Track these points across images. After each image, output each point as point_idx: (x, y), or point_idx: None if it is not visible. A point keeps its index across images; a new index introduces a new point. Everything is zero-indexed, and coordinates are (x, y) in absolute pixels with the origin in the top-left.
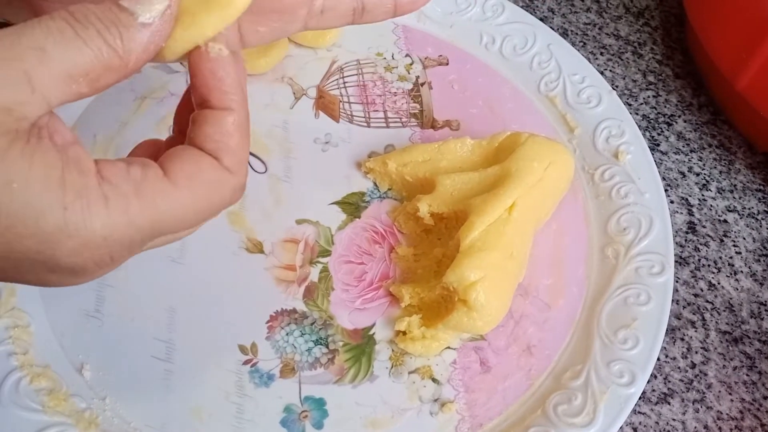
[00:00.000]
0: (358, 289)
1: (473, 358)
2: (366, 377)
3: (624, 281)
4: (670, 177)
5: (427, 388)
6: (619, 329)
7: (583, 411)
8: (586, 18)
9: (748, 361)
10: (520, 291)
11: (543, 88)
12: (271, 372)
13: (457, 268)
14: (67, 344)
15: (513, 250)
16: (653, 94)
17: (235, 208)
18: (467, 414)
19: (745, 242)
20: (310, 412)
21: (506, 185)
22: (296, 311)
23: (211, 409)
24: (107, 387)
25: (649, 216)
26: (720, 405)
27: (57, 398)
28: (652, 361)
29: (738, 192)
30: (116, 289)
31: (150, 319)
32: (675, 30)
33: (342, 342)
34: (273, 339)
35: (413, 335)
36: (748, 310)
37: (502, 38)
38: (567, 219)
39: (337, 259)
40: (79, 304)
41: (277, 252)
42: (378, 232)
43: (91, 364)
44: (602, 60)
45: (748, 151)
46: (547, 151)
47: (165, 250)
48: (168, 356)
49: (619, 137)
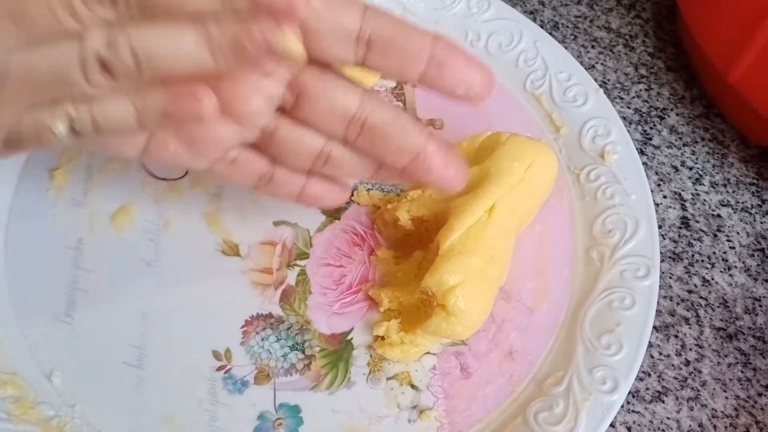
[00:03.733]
0: (336, 293)
1: (453, 364)
2: (343, 383)
3: (608, 284)
4: (663, 171)
5: (405, 394)
6: (602, 334)
7: (564, 419)
8: (576, 11)
9: (742, 357)
10: (503, 295)
11: (529, 86)
12: (246, 378)
13: (436, 273)
14: (36, 350)
15: (494, 253)
16: (645, 87)
17: (211, 209)
18: (446, 421)
19: (739, 237)
20: (285, 420)
21: (485, 186)
22: (272, 316)
23: (183, 417)
24: (77, 394)
25: (635, 218)
26: (715, 402)
27: (24, 406)
28: (636, 367)
29: (731, 186)
30: (88, 293)
31: (122, 324)
32: (667, 22)
33: (319, 347)
34: (248, 344)
35: (392, 340)
36: (742, 305)
37: (487, 35)
38: (551, 220)
39: (316, 261)
40: (50, 309)
41: (254, 255)
42: (358, 234)
43: (61, 371)
44: (593, 53)
45: (741, 144)
46: (529, 150)
47: (139, 253)
48: (140, 362)
49: (606, 136)
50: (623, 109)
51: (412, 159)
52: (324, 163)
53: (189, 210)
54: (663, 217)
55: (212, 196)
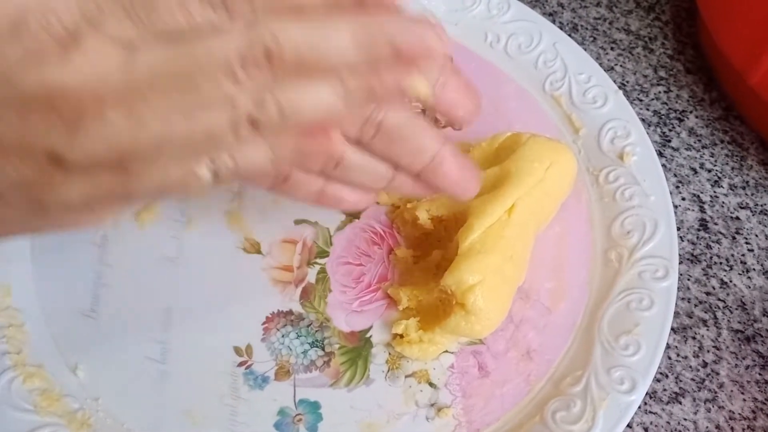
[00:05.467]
0: (355, 291)
1: (471, 363)
2: (362, 381)
3: (627, 285)
4: (682, 173)
5: (423, 392)
6: (620, 335)
7: (582, 418)
8: (596, 12)
9: (760, 360)
10: (521, 294)
11: (548, 88)
12: (266, 374)
13: (455, 271)
14: (62, 344)
15: (513, 252)
16: (664, 89)
17: (233, 208)
18: (464, 419)
19: (758, 239)
20: (305, 416)
21: (506, 186)
22: (292, 313)
23: (204, 411)
24: (101, 387)
25: (654, 219)
26: (732, 404)
27: (50, 398)
28: (654, 367)
29: (750, 188)
30: (112, 289)
31: (145, 319)
32: (686, 24)
33: (338, 344)
34: (268, 341)
35: (410, 338)
36: (760, 308)
37: (507, 36)
38: (570, 221)
39: (335, 260)
40: (75, 304)
41: (275, 252)
42: (377, 233)
43: (85, 364)
44: (612, 55)
45: (760, 147)
46: (549, 151)
47: (162, 250)
48: (163, 357)
49: (625, 138)
50: (642, 111)
51: (429, 161)
52: (335, 165)
53: (211, 208)
54: (681, 219)
55: (234, 194)
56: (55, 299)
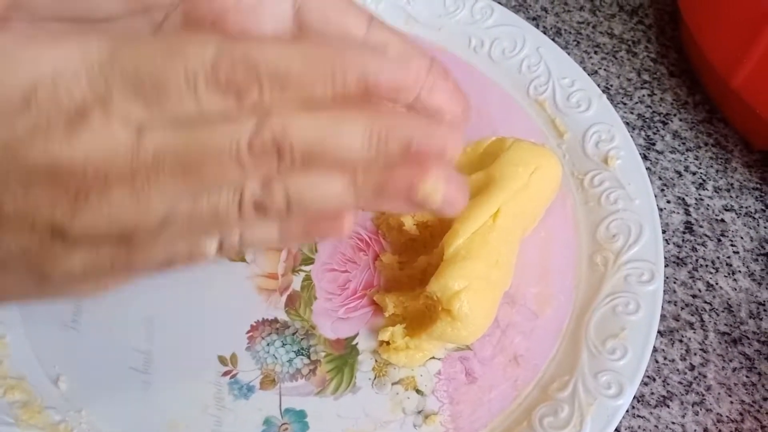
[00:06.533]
0: (341, 298)
1: (458, 369)
2: (348, 388)
3: (613, 289)
4: (666, 176)
5: (410, 399)
6: (607, 339)
7: (569, 423)
8: (579, 17)
9: (747, 362)
10: (507, 299)
11: (532, 92)
12: (251, 383)
13: (441, 278)
14: (44, 355)
15: (498, 257)
16: (648, 93)
17: None
18: (451, 426)
19: (743, 241)
20: (291, 425)
21: (490, 192)
22: (278, 321)
23: (189, 422)
24: (83, 399)
25: (639, 222)
26: (720, 407)
27: (31, 411)
28: (641, 371)
29: (735, 191)
30: (94, 300)
31: (128, 329)
32: (669, 28)
33: (324, 352)
34: (253, 349)
35: (397, 345)
36: (746, 310)
37: (490, 41)
38: (555, 226)
39: (321, 267)
40: (56, 315)
41: (260, 260)
42: (362, 239)
43: (68, 376)
44: (596, 59)
45: (744, 149)
46: (533, 156)
47: None
48: (146, 367)
49: (609, 142)
50: (626, 114)
51: None
52: None
53: None
54: (667, 222)
55: None
56: (36, 311)
